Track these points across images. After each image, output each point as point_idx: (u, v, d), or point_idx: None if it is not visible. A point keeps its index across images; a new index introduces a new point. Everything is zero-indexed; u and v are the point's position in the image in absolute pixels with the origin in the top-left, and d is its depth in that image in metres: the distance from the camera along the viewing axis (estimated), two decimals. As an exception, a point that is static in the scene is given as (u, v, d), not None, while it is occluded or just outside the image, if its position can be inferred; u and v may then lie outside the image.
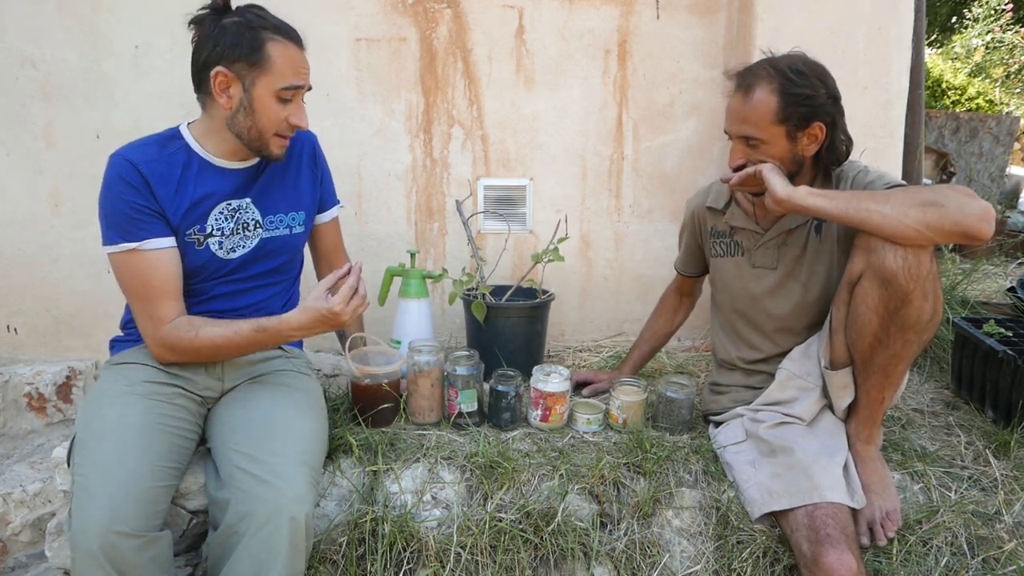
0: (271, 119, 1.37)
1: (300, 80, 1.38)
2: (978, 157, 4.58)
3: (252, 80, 1.34)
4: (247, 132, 1.38)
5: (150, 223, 1.35)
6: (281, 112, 1.38)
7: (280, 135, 1.41)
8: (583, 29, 2.24)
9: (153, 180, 1.35)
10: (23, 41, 2.09)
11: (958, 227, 1.23)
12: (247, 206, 1.48)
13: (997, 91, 7.53)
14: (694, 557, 1.44)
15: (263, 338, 1.38)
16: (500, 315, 1.91)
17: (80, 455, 1.26)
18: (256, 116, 1.37)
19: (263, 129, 1.38)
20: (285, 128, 1.40)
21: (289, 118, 1.39)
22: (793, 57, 1.46)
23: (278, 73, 1.34)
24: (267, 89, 1.35)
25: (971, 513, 1.44)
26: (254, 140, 1.39)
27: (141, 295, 1.37)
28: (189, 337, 1.36)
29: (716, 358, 1.77)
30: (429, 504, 1.45)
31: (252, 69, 1.34)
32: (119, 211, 1.34)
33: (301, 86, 1.39)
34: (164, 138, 1.42)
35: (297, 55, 1.38)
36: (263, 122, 1.37)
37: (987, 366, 1.75)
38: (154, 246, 1.36)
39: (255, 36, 1.33)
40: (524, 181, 2.33)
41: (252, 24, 1.33)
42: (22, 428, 2.17)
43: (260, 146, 1.40)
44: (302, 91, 1.41)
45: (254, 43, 1.33)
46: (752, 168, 1.44)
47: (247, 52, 1.32)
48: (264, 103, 1.36)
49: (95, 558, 1.13)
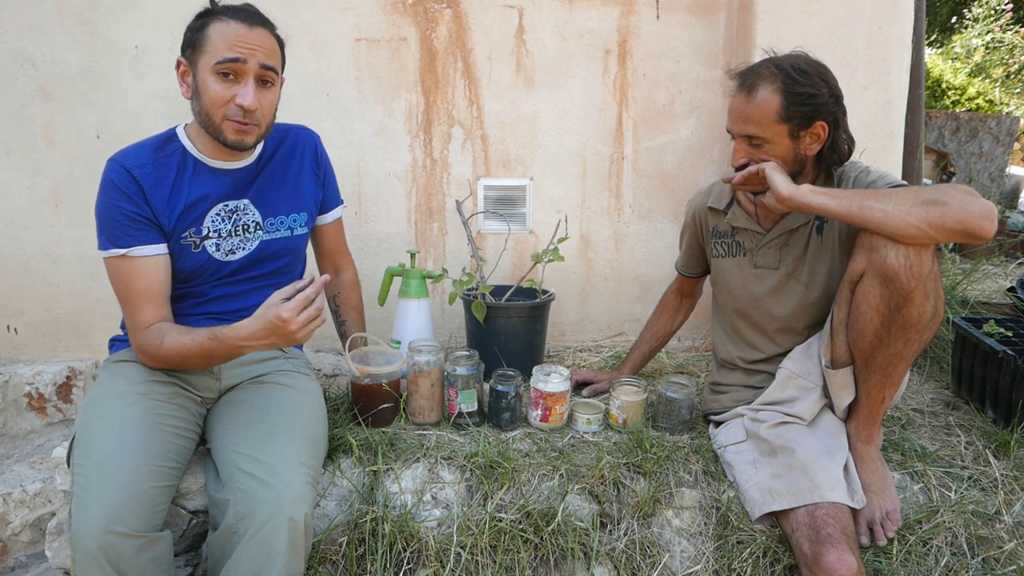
0: (212, 99, 1.33)
1: (234, 53, 1.31)
2: (978, 157, 4.58)
3: (195, 62, 1.34)
4: (199, 116, 1.37)
5: (140, 231, 1.36)
6: (224, 92, 1.33)
7: (230, 119, 1.35)
8: (583, 29, 2.24)
9: (147, 185, 1.35)
10: (23, 41, 2.09)
11: (961, 225, 1.23)
12: (246, 207, 1.48)
13: (997, 91, 7.54)
14: (694, 557, 1.44)
15: (217, 348, 1.30)
16: (500, 315, 1.91)
17: (80, 455, 1.26)
18: (201, 98, 1.35)
19: (209, 111, 1.35)
20: (233, 111, 1.34)
21: (235, 98, 1.33)
22: (795, 56, 1.46)
23: (213, 49, 1.32)
24: (206, 67, 1.32)
25: (971, 513, 1.44)
26: (208, 125, 1.37)
27: (125, 299, 1.37)
28: (156, 346, 1.34)
29: (717, 358, 1.77)
30: (429, 504, 1.45)
31: (195, 52, 1.34)
32: (110, 217, 1.35)
33: (236, 59, 1.31)
34: (161, 140, 1.42)
35: (238, 30, 1.32)
36: (208, 104, 1.34)
37: (987, 366, 1.75)
38: (142, 253, 1.36)
39: (203, 21, 1.34)
40: (524, 181, 2.33)
41: (206, 11, 1.35)
42: (22, 428, 2.17)
43: (214, 132, 1.37)
44: (244, 67, 1.32)
45: (198, 26, 1.34)
46: (755, 167, 1.44)
47: (191, 36, 1.34)
48: (205, 83, 1.33)
49: (94, 559, 1.13)
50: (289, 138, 1.57)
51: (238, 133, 1.37)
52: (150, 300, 1.37)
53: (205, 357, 1.34)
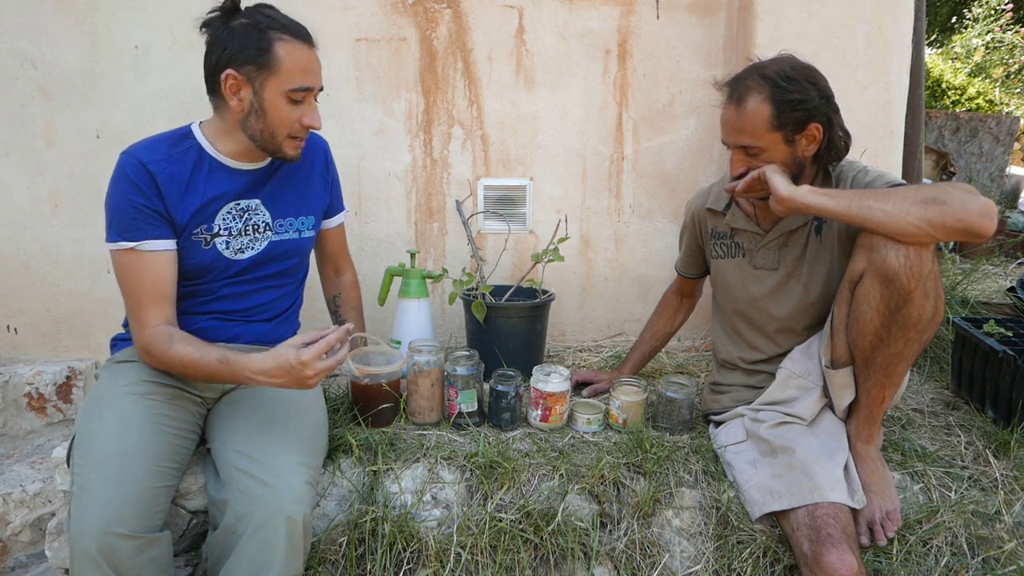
0: (282, 121, 1.36)
1: (309, 82, 1.37)
2: (978, 157, 4.58)
3: (261, 82, 1.34)
4: (260, 134, 1.38)
5: (150, 225, 1.35)
6: (293, 113, 1.37)
7: (293, 136, 1.40)
8: (583, 29, 2.24)
9: (161, 180, 1.35)
10: (23, 41, 2.09)
11: (960, 224, 1.23)
12: (257, 207, 1.48)
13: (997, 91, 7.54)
14: (694, 557, 1.44)
15: (224, 371, 1.29)
16: (500, 315, 1.91)
17: (79, 455, 1.26)
18: (267, 118, 1.36)
19: (275, 131, 1.37)
20: (298, 129, 1.39)
21: (302, 119, 1.38)
22: (781, 62, 1.45)
23: (287, 74, 1.33)
24: (277, 91, 1.34)
25: (971, 513, 1.44)
26: (267, 142, 1.39)
27: (131, 294, 1.36)
28: (163, 349, 1.33)
29: (717, 358, 1.77)
30: (429, 504, 1.45)
31: (261, 71, 1.33)
32: (122, 210, 1.34)
33: (311, 88, 1.38)
34: (175, 137, 1.42)
35: (306, 55, 1.37)
36: (274, 124, 1.37)
37: (987, 366, 1.75)
38: (151, 248, 1.35)
39: (263, 37, 1.32)
40: (524, 181, 2.33)
41: (260, 25, 1.33)
42: (22, 428, 2.17)
43: (274, 148, 1.40)
44: (313, 92, 1.40)
45: (262, 44, 1.32)
46: (756, 172, 1.44)
47: (255, 54, 1.32)
48: (275, 105, 1.35)
49: (93, 559, 1.13)
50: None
51: (298, 149, 1.43)
52: (156, 297, 1.36)
53: (209, 376, 1.32)
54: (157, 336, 1.34)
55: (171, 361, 1.33)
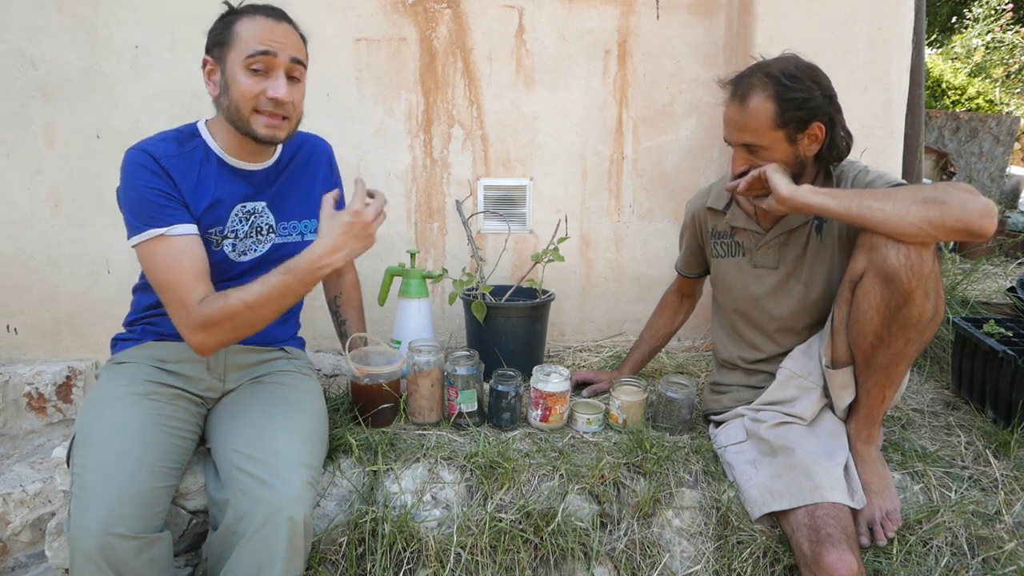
0: (243, 93, 1.34)
1: (264, 46, 1.33)
2: (978, 157, 4.58)
3: (224, 59, 1.35)
4: (228, 112, 1.37)
5: (175, 209, 1.34)
6: (254, 85, 1.34)
7: (260, 111, 1.36)
8: (583, 29, 2.24)
9: (175, 173, 1.35)
10: (23, 41, 2.09)
11: (960, 223, 1.23)
12: (262, 210, 1.49)
13: (997, 91, 7.54)
14: (694, 557, 1.44)
15: (292, 280, 1.28)
16: (500, 315, 1.91)
17: (79, 455, 1.26)
18: (231, 93, 1.35)
19: (239, 105, 1.35)
20: (264, 103, 1.35)
21: (266, 91, 1.35)
22: (785, 60, 1.45)
23: (243, 44, 1.33)
24: (236, 63, 1.34)
25: (971, 513, 1.44)
26: (236, 120, 1.37)
27: (172, 283, 1.31)
28: (220, 305, 1.28)
29: (717, 358, 1.77)
30: (429, 504, 1.45)
31: (224, 48, 1.35)
32: (143, 198, 1.32)
33: (266, 52, 1.33)
34: (182, 134, 1.41)
35: (266, 25, 1.35)
36: (237, 97, 1.35)
37: (987, 366, 1.75)
38: (182, 231, 1.33)
39: (229, 19, 1.36)
40: (524, 181, 2.33)
41: (232, 10, 1.37)
42: (22, 428, 2.17)
43: (243, 126, 1.37)
44: (275, 60, 1.34)
45: (225, 23, 1.36)
46: (756, 171, 1.44)
47: (219, 33, 1.36)
48: (235, 77, 1.34)
49: (92, 560, 1.13)
50: (307, 146, 1.60)
51: (269, 127, 1.38)
52: (199, 276, 1.32)
53: (281, 296, 1.29)
54: (209, 301, 1.29)
55: (234, 310, 1.27)
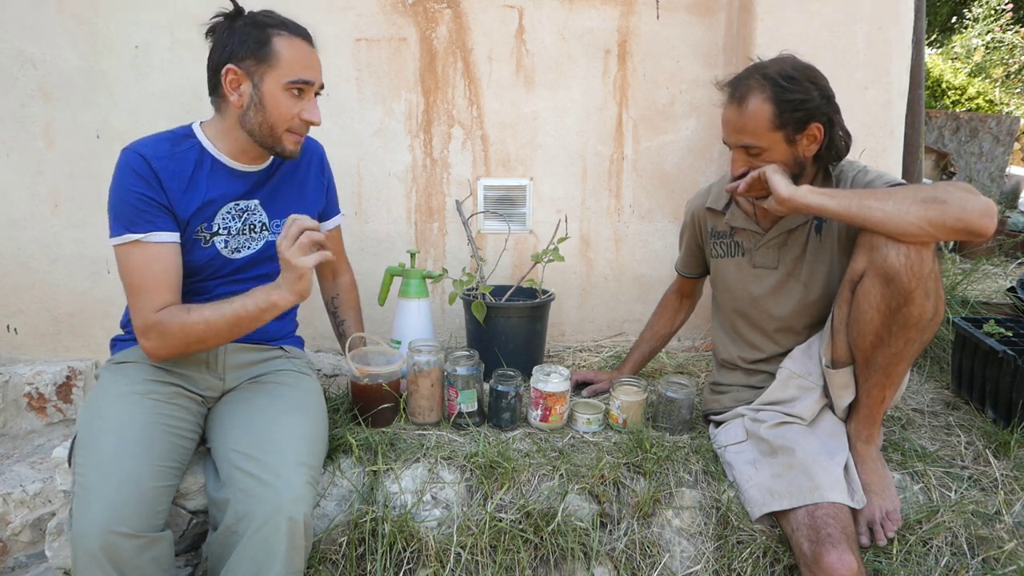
0: (281, 114, 1.38)
1: (309, 75, 1.39)
2: (978, 157, 4.58)
3: (261, 75, 1.36)
4: (259, 128, 1.39)
5: (156, 216, 1.36)
6: (292, 107, 1.38)
7: (292, 131, 1.41)
8: (583, 29, 2.24)
9: (164, 176, 1.36)
10: (23, 41, 2.09)
11: (960, 223, 1.23)
12: (255, 208, 1.50)
13: (997, 91, 7.54)
14: (694, 557, 1.44)
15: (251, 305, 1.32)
16: (500, 315, 1.91)
17: (80, 455, 1.26)
18: (267, 112, 1.37)
19: (274, 125, 1.38)
20: (297, 124, 1.40)
21: (301, 114, 1.39)
22: (782, 62, 1.45)
23: (286, 67, 1.36)
24: (276, 83, 1.36)
25: (971, 513, 1.44)
26: (266, 137, 1.40)
27: (138, 286, 1.35)
28: (180, 320, 1.32)
29: (717, 358, 1.77)
30: (429, 504, 1.45)
31: (260, 64, 1.35)
32: (127, 202, 1.34)
33: (310, 81, 1.39)
34: (177, 136, 1.43)
35: (305, 50, 1.39)
36: (274, 117, 1.38)
37: (987, 366, 1.75)
38: (158, 239, 1.36)
39: (262, 32, 1.35)
40: (524, 181, 2.33)
41: (260, 22, 1.36)
42: (22, 428, 2.17)
43: (273, 143, 1.41)
44: (312, 87, 1.41)
45: (261, 39, 1.35)
46: (756, 172, 1.44)
47: (255, 48, 1.34)
48: (274, 98, 1.37)
49: (95, 559, 1.13)
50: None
51: (296, 144, 1.43)
52: (165, 285, 1.36)
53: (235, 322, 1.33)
54: (171, 312, 1.33)
55: (192, 325, 1.32)
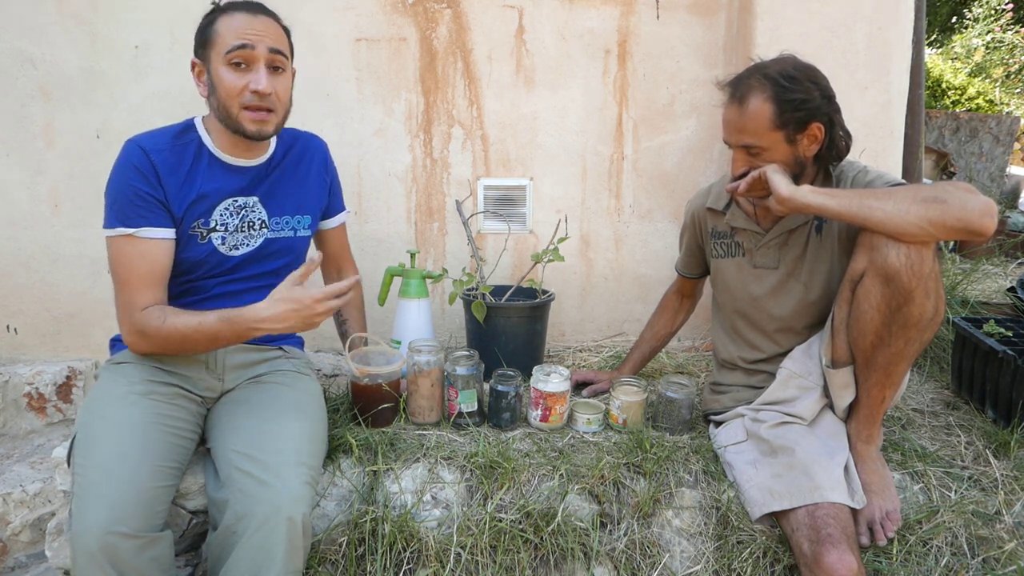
0: (227, 89, 1.35)
1: (241, 39, 1.33)
2: (978, 157, 4.58)
3: (208, 58, 1.37)
4: (219, 112, 1.39)
5: (150, 212, 1.36)
6: (238, 80, 1.35)
7: (247, 107, 1.37)
8: (583, 29, 2.24)
9: (163, 170, 1.37)
10: (23, 41, 2.09)
11: (960, 223, 1.23)
12: (254, 204, 1.49)
13: (997, 91, 7.54)
14: (694, 557, 1.44)
15: (227, 330, 1.31)
16: (500, 315, 1.91)
17: (80, 455, 1.26)
18: (218, 92, 1.37)
19: (225, 102, 1.37)
20: (249, 97, 1.36)
21: (249, 85, 1.35)
22: (783, 61, 1.45)
23: (222, 40, 1.35)
24: (219, 60, 1.35)
25: (971, 513, 1.44)
26: (227, 119, 1.39)
27: (124, 281, 1.35)
28: (157, 324, 1.33)
29: (717, 358, 1.77)
30: (429, 504, 1.45)
31: (207, 48, 1.36)
32: (123, 195, 1.35)
33: (244, 44, 1.33)
34: (179, 129, 1.43)
35: (243, 19, 1.35)
36: (223, 95, 1.36)
37: (987, 366, 1.75)
38: (149, 235, 1.36)
39: (210, 19, 1.37)
40: (524, 181, 2.33)
41: (214, 10, 1.38)
42: (22, 428, 2.17)
43: (233, 123, 1.39)
44: (254, 54, 1.35)
45: (207, 23, 1.37)
46: (756, 172, 1.44)
47: (201, 34, 1.37)
48: (219, 75, 1.36)
49: (95, 559, 1.13)
50: (300, 143, 1.60)
51: (256, 122, 1.39)
52: (150, 282, 1.36)
53: (211, 339, 1.33)
54: (150, 315, 1.34)
55: (167, 335, 1.33)
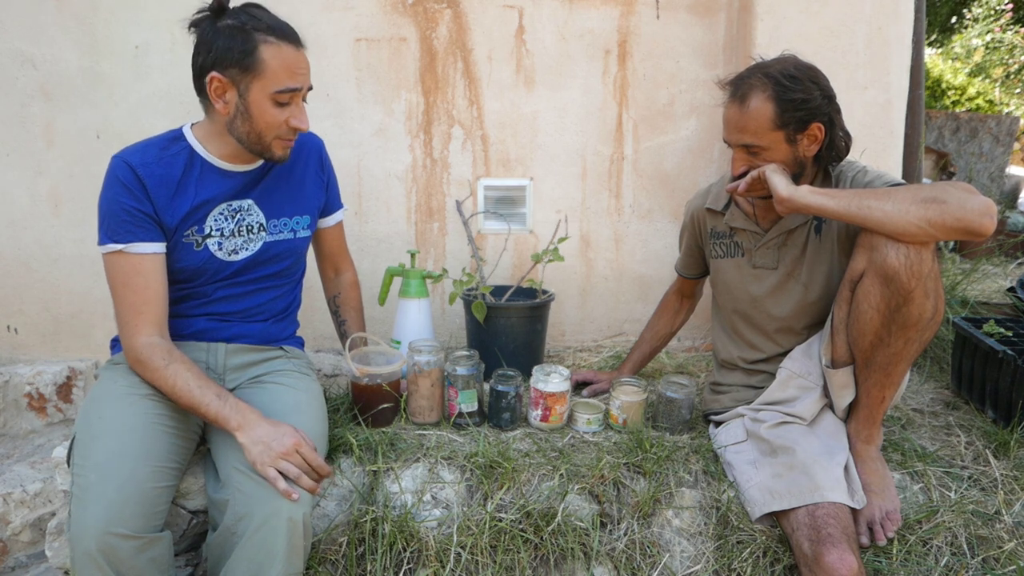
0: (269, 123, 1.35)
1: (296, 82, 1.35)
2: (978, 157, 4.58)
3: (246, 85, 1.32)
4: (246, 137, 1.37)
5: (139, 227, 1.35)
6: (279, 115, 1.35)
7: (281, 138, 1.39)
8: (583, 29, 2.24)
9: (150, 184, 1.35)
10: (23, 41, 2.09)
11: (960, 223, 1.23)
12: (249, 207, 1.48)
13: (997, 91, 7.54)
14: (694, 557, 1.44)
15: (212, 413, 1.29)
16: (500, 315, 1.91)
17: (79, 455, 1.26)
18: (253, 121, 1.35)
19: (261, 133, 1.36)
20: (286, 131, 1.38)
21: (289, 120, 1.36)
22: (784, 61, 1.45)
23: (272, 76, 1.32)
24: (262, 93, 1.32)
25: (971, 513, 1.44)
26: (254, 144, 1.38)
27: (121, 297, 1.35)
28: (160, 364, 1.32)
29: (717, 358, 1.77)
30: (429, 504, 1.45)
31: (246, 74, 1.31)
32: (112, 212, 1.34)
33: (297, 88, 1.35)
34: (166, 140, 1.41)
35: (292, 55, 1.34)
36: (261, 127, 1.35)
37: (987, 366, 1.75)
38: (139, 250, 1.35)
39: (247, 39, 1.30)
40: (524, 181, 2.33)
41: (245, 27, 1.30)
42: (22, 428, 2.17)
43: (261, 149, 1.39)
44: (300, 93, 1.38)
45: (246, 47, 1.30)
46: (756, 171, 1.44)
47: (239, 56, 1.30)
48: (260, 107, 1.34)
49: (93, 559, 1.13)
50: (296, 142, 1.57)
51: (286, 149, 1.41)
52: (148, 300, 1.35)
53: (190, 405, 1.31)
54: (155, 350, 1.33)
55: (164, 377, 1.31)
